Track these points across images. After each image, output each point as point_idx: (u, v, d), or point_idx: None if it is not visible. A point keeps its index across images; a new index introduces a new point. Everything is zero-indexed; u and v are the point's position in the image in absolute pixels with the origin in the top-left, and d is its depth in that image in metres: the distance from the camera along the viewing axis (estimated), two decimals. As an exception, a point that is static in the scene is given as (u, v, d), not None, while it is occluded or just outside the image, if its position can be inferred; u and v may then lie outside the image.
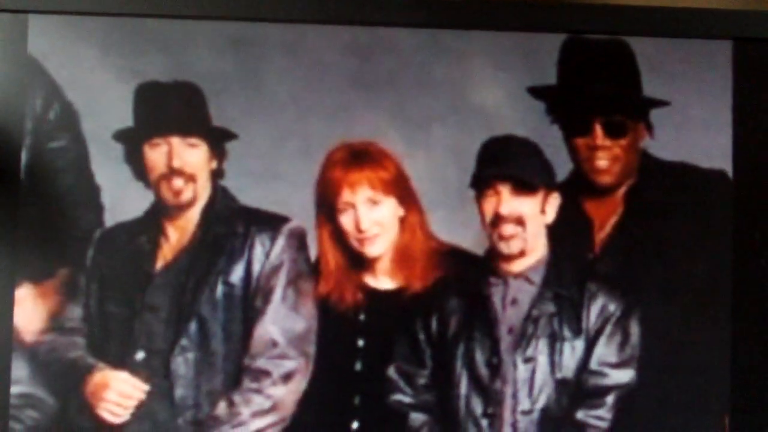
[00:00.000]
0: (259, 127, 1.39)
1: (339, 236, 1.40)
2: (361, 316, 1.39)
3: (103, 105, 1.38)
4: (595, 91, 1.44)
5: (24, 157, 1.37)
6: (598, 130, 1.43)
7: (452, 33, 1.42)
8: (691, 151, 1.42)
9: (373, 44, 1.41)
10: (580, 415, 1.38)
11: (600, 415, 1.38)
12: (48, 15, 1.37)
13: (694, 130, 1.42)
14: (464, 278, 1.41)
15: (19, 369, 1.35)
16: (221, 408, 1.36)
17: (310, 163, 1.39)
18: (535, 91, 1.43)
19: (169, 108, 1.38)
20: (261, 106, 1.39)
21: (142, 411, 1.36)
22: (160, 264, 1.39)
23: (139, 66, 1.38)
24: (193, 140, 1.39)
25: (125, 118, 1.38)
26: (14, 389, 1.35)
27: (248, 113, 1.39)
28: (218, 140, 1.39)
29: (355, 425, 1.36)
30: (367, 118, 1.40)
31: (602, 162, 1.43)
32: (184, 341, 1.37)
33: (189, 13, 1.38)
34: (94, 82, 1.38)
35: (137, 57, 1.38)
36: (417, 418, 1.38)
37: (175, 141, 1.38)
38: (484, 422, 1.37)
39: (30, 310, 1.36)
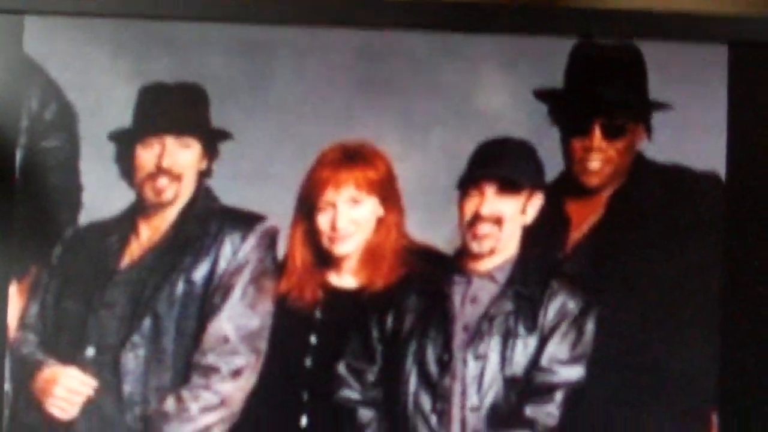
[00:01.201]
0: (258, 128, 1.33)
1: (312, 235, 1.35)
2: (317, 314, 1.36)
3: (107, 106, 1.32)
4: (600, 93, 1.38)
5: (19, 156, 1.31)
6: (597, 131, 1.38)
7: (462, 36, 1.35)
8: (687, 154, 1.38)
9: (384, 47, 1.34)
10: (529, 411, 1.37)
11: (549, 411, 1.38)
12: (47, 16, 1.31)
13: (691, 133, 1.38)
14: (427, 276, 1.37)
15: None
16: (169, 404, 1.34)
17: (303, 164, 1.34)
18: (540, 94, 1.36)
19: (168, 109, 1.32)
20: (265, 108, 1.33)
21: (89, 407, 1.34)
22: (125, 262, 1.34)
23: (148, 68, 1.32)
24: (188, 140, 1.33)
25: (127, 119, 1.33)
26: None
27: (251, 115, 1.33)
28: (213, 141, 1.32)
29: (304, 421, 1.35)
30: (370, 121, 1.35)
31: (595, 163, 1.38)
32: (135, 338, 1.33)
33: (197, 16, 1.32)
34: (100, 84, 1.32)
35: (146, 59, 1.32)
36: (365, 414, 1.37)
37: (169, 141, 1.32)
38: (434, 418, 1.36)
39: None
